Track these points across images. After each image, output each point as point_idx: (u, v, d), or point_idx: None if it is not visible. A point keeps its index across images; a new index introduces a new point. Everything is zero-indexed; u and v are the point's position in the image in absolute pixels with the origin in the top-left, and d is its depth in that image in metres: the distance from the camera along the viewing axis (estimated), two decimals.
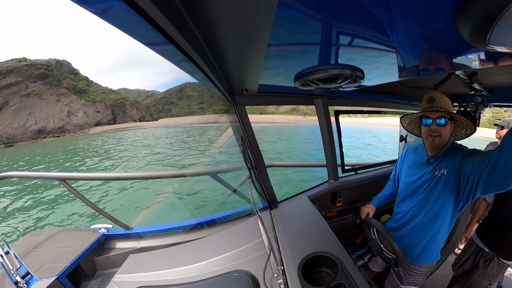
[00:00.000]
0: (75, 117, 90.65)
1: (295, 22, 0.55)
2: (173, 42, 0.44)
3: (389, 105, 2.71)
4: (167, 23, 0.37)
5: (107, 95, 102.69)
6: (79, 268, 2.11)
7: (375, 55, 0.80)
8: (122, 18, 0.35)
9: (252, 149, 1.72)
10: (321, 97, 1.97)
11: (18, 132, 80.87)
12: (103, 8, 0.32)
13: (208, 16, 0.46)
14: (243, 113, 1.57)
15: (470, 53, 0.75)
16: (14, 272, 1.84)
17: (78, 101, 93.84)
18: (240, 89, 1.31)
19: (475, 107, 2.38)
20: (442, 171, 1.41)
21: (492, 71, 1.70)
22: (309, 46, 0.70)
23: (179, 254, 1.60)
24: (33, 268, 1.93)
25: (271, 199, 1.89)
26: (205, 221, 2.40)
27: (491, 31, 0.46)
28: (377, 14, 0.52)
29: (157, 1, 0.32)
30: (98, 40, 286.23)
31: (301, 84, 1.03)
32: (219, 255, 1.45)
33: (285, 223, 1.57)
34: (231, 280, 1.26)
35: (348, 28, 0.59)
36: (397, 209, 1.73)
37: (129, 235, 2.48)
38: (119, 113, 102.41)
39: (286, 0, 0.44)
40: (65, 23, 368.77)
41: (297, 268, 1.10)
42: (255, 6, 0.42)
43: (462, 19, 0.50)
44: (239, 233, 1.67)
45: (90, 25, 59.41)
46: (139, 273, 1.47)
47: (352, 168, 2.61)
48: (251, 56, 0.72)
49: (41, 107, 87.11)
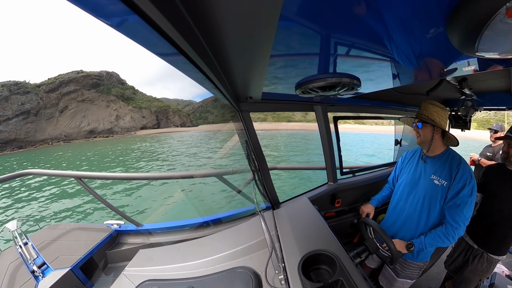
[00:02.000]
0: (123, 121, 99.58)
1: (296, 34, 0.56)
2: (183, 53, 0.46)
3: (385, 111, 2.74)
4: (178, 35, 0.39)
5: (152, 102, 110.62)
6: (91, 261, 2.14)
7: (370, 64, 0.81)
8: (136, 30, 0.36)
9: (255, 152, 1.73)
10: (320, 104, 2.00)
11: (74, 132, 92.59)
12: (119, 21, 0.33)
13: (215, 30, 0.47)
14: (247, 119, 1.59)
15: (460, 60, 0.75)
16: (31, 261, 1.91)
17: (125, 107, 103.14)
18: (245, 96, 1.33)
19: (466, 111, 2.39)
20: (438, 180, 1.50)
21: (481, 77, 1.71)
22: (309, 56, 0.71)
23: (186, 250, 1.62)
24: (49, 259, 1.98)
25: (273, 199, 1.89)
26: (211, 220, 2.42)
27: (479, 39, 0.47)
28: (372, 26, 0.53)
29: (168, 15, 0.33)
30: (141, 55, 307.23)
31: (302, 92, 1.04)
32: (223, 252, 1.45)
33: (286, 222, 1.58)
34: (235, 275, 1.26)
35: (345, 39, 0.60)
36: (393, 205, 1.78)
37: (139, 231, 2.50)
38: (163, 119, 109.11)
39: (286, 14, 0.44)
40: (114, 41, 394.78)
41: (298, 265, 1.10)
42: (258, 20, 0.44)
43: (452, 28, 0.50)
44: (243, 231, 1.68)
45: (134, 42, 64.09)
46: (147, 267, 1.48)
47: (350, 171, 2.63)
48: (255, 66, 0.74)
49: (93, 111, 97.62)
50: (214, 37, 0.51)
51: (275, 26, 0.45)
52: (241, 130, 1.66)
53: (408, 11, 0.47)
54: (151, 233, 2.50)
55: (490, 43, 0.49)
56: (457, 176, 1.43)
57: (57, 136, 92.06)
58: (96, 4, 0.29)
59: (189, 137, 57.58)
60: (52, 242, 2.25)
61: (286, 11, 0.42)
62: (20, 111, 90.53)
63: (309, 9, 0.45)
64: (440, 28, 0.52)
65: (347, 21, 0.51)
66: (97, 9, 0.30)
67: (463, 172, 1.44)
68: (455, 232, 1.42)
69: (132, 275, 1.45)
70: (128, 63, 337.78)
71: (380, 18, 0.49)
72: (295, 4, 0.42)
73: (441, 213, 1.50)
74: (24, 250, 2.02)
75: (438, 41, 0.59)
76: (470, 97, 2.29)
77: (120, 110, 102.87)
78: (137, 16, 0.31)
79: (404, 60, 0.76)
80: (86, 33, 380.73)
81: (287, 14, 0.44)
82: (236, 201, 2.40)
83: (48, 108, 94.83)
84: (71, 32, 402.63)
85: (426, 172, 1.59)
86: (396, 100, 2.52)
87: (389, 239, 1.39)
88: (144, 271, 1.46)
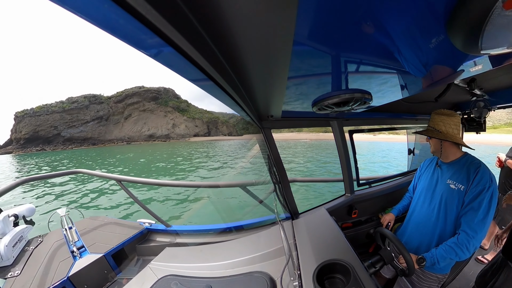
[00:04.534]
0: (178, 128, 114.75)
1: (309, 57, 0.58)
2: (212, 78, 0.49)
3: (396, 122, 2.65)
4: (206, 64, 0.42)
5: (203, 114, 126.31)
6: (122, 251, 2.30)
7: (379, 78, 0.81)
8: (171, 60, 0.40)
9: (276, 166, 1.76)
10: (336, 119, 1.99)
11: (135, 135, 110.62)
12: (156, 52, 0.36)
13: (238, 57, 0.51)
14: (269, 136, 1.63)
15: (466, 61, 0.72)
16: (72, 243, 2.16)
17: (181, 117, 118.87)
18: (266, 115, 1.38)
19: (479, 112, 2.20)
20: (455, 184, 1.40)
21: (490, 74, 1.56)
22: (323, 76, 0.73)
23: (208, 252, 1.66)
24: (87, 243, 2.19)
25: (293, 210, 1.87)
26: (234, 226, 2.45)
27: (481, 36, 0.44)
28: (378, 42, 0.54)
29: (198, 46, 0.37)
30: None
31: (318, 108, 1.05)
32: (243, 256, 1.46)
33: (304, 232, 1.55)
34: (252, 279, 1.25)
35: (353, 57, 0.61)
36: (410, 212, 1.69)
37: (167, 231, 2.61)
38: (213, 128, 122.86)
39: (299, 39, 0.46)
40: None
41: (313, 273, 1.07)
42: (274, 48, 0.47)
43: (453, 31, 0.48)
44: (262, 239, 1.69)
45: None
46: (171, 263, 1.54)
47: (367, 182, 2.54)
48: (274, 88, 0.77)
49: (153, 119, 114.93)
50: (238, 64, 0.55)
51: (290, 51, 0.48)
52: (260, 139, 1.69)
53: (409, 23, 0.46)
54: (178, 233, 2.59)
55: (493, 39, 0.46)
56: (475, 179, 1.31)
57: (121, 138, 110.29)
58: (137, 39, 0.32)
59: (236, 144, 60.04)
60: (91, 230, 2.47)
61: (298, 36, 0.44)
62: (95, 117, 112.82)
63: (318, 33, 0.47)
64: (442, 34, 0.51)
65: (352, 41, 0.52)
66: (138, 43, 0.33)
67: (482, 176, 1.31)
68: (469, 242, 1.25)
69: (156, 268, 1.51)
70: (181, 81, 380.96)
71: (383, 34, 0.50)
72: (305, 30, 0.44)
73: (458, 220, 1.36)
74: (68, 233, 2.31)
75: (442, 46, 0.58)
76: (482, 97, 2.12)
77: (176, 119, 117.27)
78: (171, 48, 0.34)
79: (410, 71, 0.75)
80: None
81: (299, 39, 0.46)
82: (257, 211, 2.42)
83: (115, 115, 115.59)
84: (136, 54, 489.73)
85: (442, 178, 1.50)
86: (406, 110, 2.42)
87: (405, 249, 1.30)
88: (168, 267, 1.51)
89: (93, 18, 0.25)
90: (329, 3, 0.36)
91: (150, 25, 0.28)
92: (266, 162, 1.84)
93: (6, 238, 1.96)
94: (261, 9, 0.33)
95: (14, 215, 2.21)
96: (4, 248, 1.88)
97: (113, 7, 0.23)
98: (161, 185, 2.67)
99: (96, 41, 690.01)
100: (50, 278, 1.79)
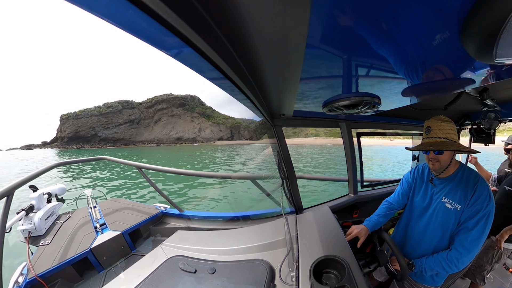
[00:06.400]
0: (204, 132, 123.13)
1: (321, 59, 0.57)
2: (229, 78, 0.50)
3: (403, 127, 2.55)
4: (224, 64, 0.43)
5: (227, 119, 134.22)
6: (138, 231, 2.46)
7: (389, 83, 0.78)
8: (191, 59, 0.41)
9: (285, 162, 1.77)
10: (345, 121, 1.97)
11: (164, 138, 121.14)
12: (176, 52, 0.38)
13: (254, 59, 0.52)
14: (280, 133, 1.64)
15: (478, 70, 0.66)
16: (96, 220, 2.37)
17: (206, 122, 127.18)
18: (278, 113, 1.39)
19: (489, 123, 2.05)
20: (451, 203, 1.25)
21: (504, 85, 1.44)
22: (334, 78, 0.72)
23: (216, 237, 1.71)
24: (108, 221, 2.37)
25: (297, 205, 1.88)
26: (241, 216, 2.51)
27: (496, 44, 0.40)
28: (389, 47, 0.51)
29: (216, 47, 0.38)
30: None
31: (328, 110, 1.04)
32: (247, 244, 1.50)
33: (306, 227, 1.56)
34: (253, 266, 1.29)
35: (365, 61, 0.60)
36: (402, 225, 1.55)
37: (180, 215, 2.72)
38: (235, 133, 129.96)
39: (312, 42, 0.45)
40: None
41: (310, 266, 1.08)
42: (288, 50, 0.47)
43: (466, 37, 0.45)
44: (266, 230, 1.71)
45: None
46: (181, 245, 1.60)
47: (370, 184, 2.51)
48: (287, 88, 0.78)
49: (180, 124, 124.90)
50: (253, 65, 0.55)
51: (303, 53, 0.48)
52: (274, 143, 1.71)
53: (422, 28, 0.44)
54: (190, 218, 2.68)
55: (509, 47, 0.42)
56: (472, 198, 1.17)
57: (151, 140, 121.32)
58: (159, 39, 0.33)
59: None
60: (113, 211, 2.64)
61: (311, 39, 0.43)
62: (128, 120, 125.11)
63: (330, 36, 0.46)
64: (455, 39, 0.47)
65: (364, 45, 0.50)
66: (161, 43, 0.35)
67: (480, 194, 1.17)
68: (458, 260, 1.17)
69: (167, 248, 1.58)
70: (205, 88, 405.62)
71: (396, 38, 0.48)
72: (318, 33, 0.43)
73: (452, 237, 1.26)
74: (93, 211, 2.55)
75: (454, 53, 0.54)
76: (493, 108, 1.95)
77: (202, 124, 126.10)
78: (191, 49, 0.35)
79: (420, 76, 0.72)
80: (175, 64, 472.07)
81: (312, 42, 0.46)
82: (264, 203, 2.46)
83: (146, 119, 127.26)
84: (164, 63, 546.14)
85: (436, 195, 1.33)
86: (413, 116, 2.32)
87: (400, 254, 1.26)
88: (178, 248, 1.58)
89: (120, 22, 0.27)
90: (341, 7, 0.36)
91: (171, 27, 0.29)
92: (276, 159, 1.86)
93: (40, 212, 2.17)
94: (276, 11, 0.34)
95: (48, 193, 2.44)
96: (38, 221, 2.09)
97: (137, 12, 0.25)
98: (177, 173, 2.77)
99: (130, 52, 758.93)
100: (75, 248, 1.97)
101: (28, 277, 1.66)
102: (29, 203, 2.17)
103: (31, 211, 2.14)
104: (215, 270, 1.30)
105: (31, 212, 2.14)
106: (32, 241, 2.05)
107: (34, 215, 2.13)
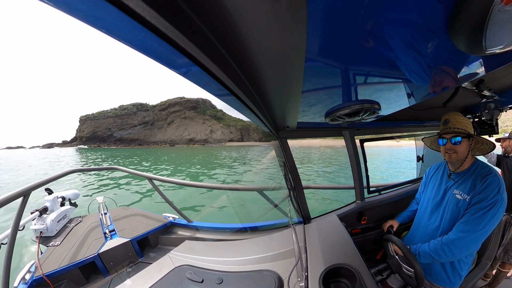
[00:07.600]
0: (215, 134, 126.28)
1: (320, 72, 0.59)
2: (234, 94, 0.52)
3: (405, 129, 2.52)
4: (229, 80, 0.45)
5: (237, 122, 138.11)
6: (146, 239, 2.46)
7: (387, 88, 0.80)
8: (198, 77, 0.42)
9: (292, 173, 1.76)
10: (348, 129, 1.97)
11: (177, 139, 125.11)
12: (185, 71, 0.39)
13: (257, 76, 0.54)
14: (285, 145, 1.65)
15: (471, 63, 0.67)
16: (106, 226, 2.41)
17: (217, 124, 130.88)
18: (283, 126, 1.40)
19: (490, 114, 1.98)
20: (460, 194, 1.25)
21: (498, 74, 1.43)
22: (334, 89, 0.73)
23: (223, 248, 1.70)
24: (118, 228, 2.40)
25: (305, 215, 1.85)
26: (249, 227, 2.48)
27: (484, 35, 0.40)
28: (383, 54, 0.53)
29: (221, 65, 0.39)
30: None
31: (331, 119, 1.05)
32: (255, 255, 1.48)
33: (315, 236, 1.52)
34: (261, 276, 1.26)
35: (361, 70, 0.61)
36: (417, 221, 1.56)
37: (188, 226, 2.71)
38: (245, 135, 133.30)
39: (311, 56, 0.47)
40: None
41: (319, 276, 1.05)
42: (288, 65, 0.49)
43: (454, 33, 0.45)
44: (274, 240, 1.69)
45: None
46: (189, 255, 1.59)
47: (377, 189, 2.46)
48: (290, 102, 0.79)
49: (193, 126, 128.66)
50: (256, 80, 0.57)
51: (303, 68, 0.49)
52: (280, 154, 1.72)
53: (411, 31, 0.45)
54: (198, 229, 2.67)
55: (497, 37, 0.41)
56: (481, 187, 1.16)
57: (164, 140, 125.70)
58: (169, 59, 0.35)
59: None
60: (122, 218, 2.69)
61: (309, 53, 0.45)
62: (142, 122, 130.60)
63: (327, 50, 0.48)
64: (443, 37, 0.48)
65: (359, 55, 0.52)
66: (170, 63, 0.36)
67: (489, 184, 1.15)
68: (452, 244, 1.13)
69: (174, 258, 1.58)
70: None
71: (388, 45, 0.49)
72: (315, 48, 0.45)
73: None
74: (103, 217, 2.60)
75: (446, 50, 0.54)
76: (492, 98, 1.92)
77: (213, 126, 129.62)
78: (198, 67, 0.37)
79: (415, 78, 0.72)
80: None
81: (310, 56, 0.48)
82: (272, 214, 2.44)
83: (159, 121, 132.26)
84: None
85: (450, 189, 1.34)
86: (414, 117, 2.30)
87: (415, 259, 1.19)
88: (185, 257, 1.57)
89: (134, 44, 0.30)
90: (334, 23, 0.38)
91: (179, 48, 0.31)
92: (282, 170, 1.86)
93: (53, 214, 2.25)
94: (275, 33, 0.36)
95: (62, 197, 2.52)
96: (51, 222, 2.17)
97: (148, 34, 0.27)
98: (186, 185, 2.81)
99: (144, 58, 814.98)
100: (84, 252, 2.00)
101: (35, 275, 1.68)
102: (44, 205, 2.27)
103: (44, 212, 2.23)
104: (222, 280, 1.28)
105: (44, 213, 2.23)
106: (43, 241, 2.11)
107: (47, 216, 2.21)
